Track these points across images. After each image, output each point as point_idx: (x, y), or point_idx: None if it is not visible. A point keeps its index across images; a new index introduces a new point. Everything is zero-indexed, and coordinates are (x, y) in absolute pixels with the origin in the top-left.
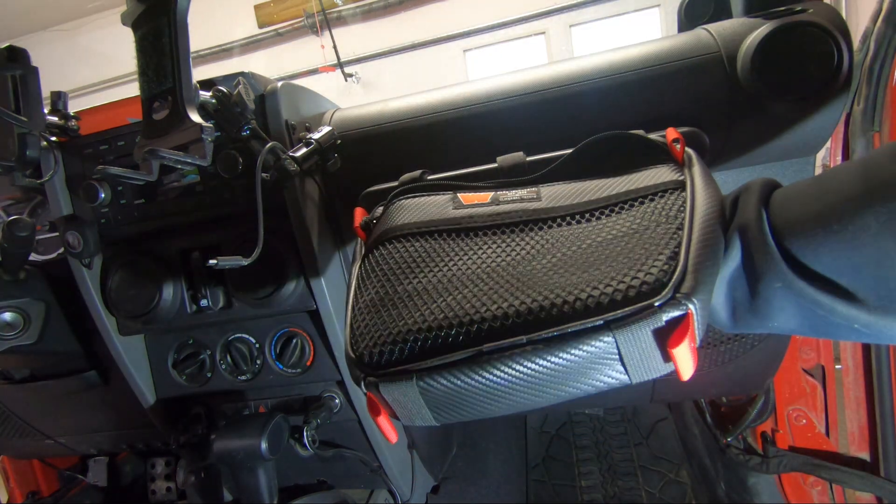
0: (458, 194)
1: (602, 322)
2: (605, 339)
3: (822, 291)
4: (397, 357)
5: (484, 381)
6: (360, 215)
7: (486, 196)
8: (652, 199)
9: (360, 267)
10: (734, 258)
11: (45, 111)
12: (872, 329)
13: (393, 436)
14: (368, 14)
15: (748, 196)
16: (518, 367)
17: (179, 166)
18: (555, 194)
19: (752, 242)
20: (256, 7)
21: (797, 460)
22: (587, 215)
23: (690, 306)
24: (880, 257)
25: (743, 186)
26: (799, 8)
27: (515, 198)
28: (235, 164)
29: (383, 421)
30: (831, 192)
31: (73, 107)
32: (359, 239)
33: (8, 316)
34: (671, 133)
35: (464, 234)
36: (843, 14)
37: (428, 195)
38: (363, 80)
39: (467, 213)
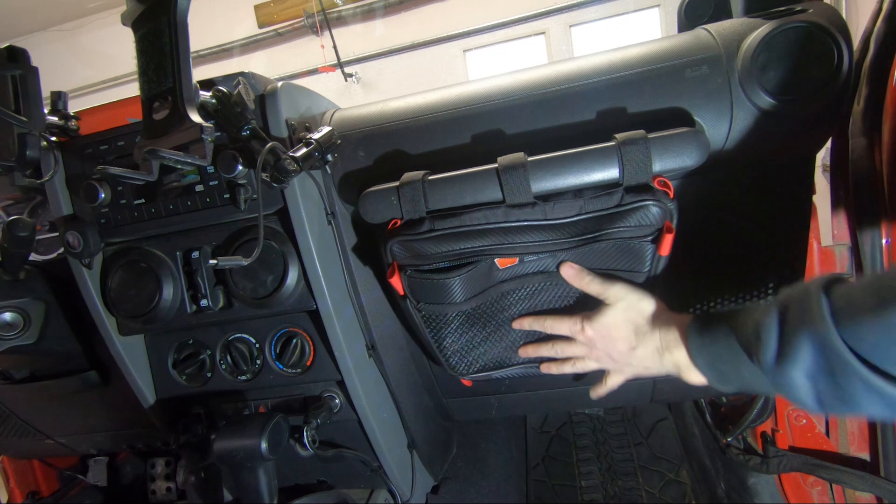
0: (496, 260)
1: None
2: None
3: None
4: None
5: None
6: (397, 279)
7: (515, 259)
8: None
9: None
10: (806, 359)
11: (45, 111)
12: None
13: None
14: (368, 14)
15: (809, 301)
16: None
17: (179, 166)
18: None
19: (826, 351)
20: (256, 7)
21: (797, 460)
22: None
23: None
24: None
25: (799, 288)
26: (799, 8)
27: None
28: (235, 164)
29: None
30: (891, 297)
31: (73, 107)
32: (394, 287)
33: (8, 316)
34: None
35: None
36: (843, 14)
37: (470, 269)
38: (363, 80)
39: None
